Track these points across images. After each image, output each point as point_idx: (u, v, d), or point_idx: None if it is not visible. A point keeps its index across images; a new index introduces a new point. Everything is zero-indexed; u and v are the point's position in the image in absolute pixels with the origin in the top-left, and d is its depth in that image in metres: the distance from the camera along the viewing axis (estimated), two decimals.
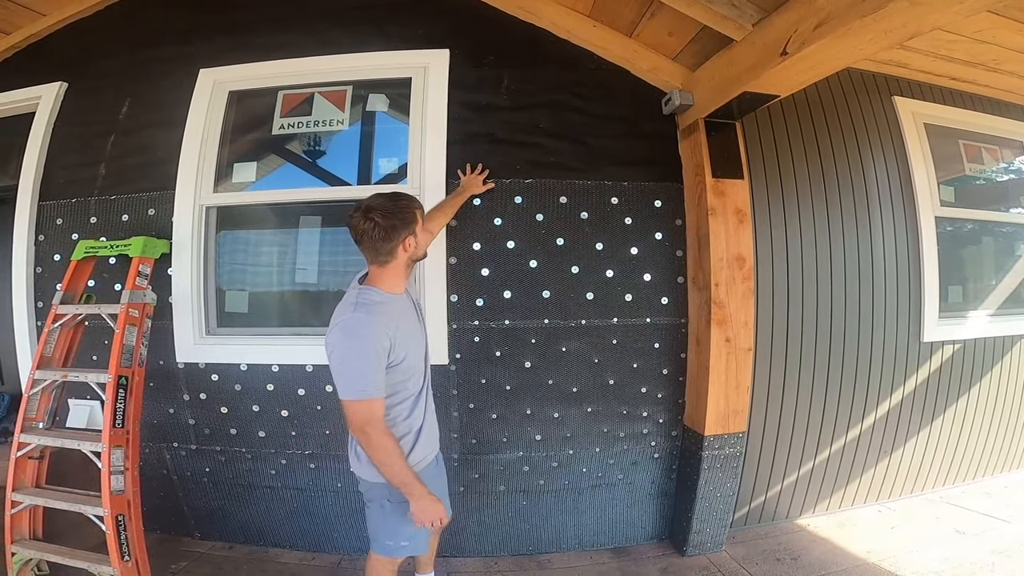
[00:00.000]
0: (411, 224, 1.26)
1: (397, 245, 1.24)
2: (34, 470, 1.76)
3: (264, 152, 2.14)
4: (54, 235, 2.07)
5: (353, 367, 1.19)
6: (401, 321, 1.28)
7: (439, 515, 1.27)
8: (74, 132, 2.11)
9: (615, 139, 1.99)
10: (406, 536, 1.37)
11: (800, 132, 2.18)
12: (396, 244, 1.24)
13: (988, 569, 1.80)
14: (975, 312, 2.47)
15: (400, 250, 1.26)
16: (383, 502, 1.34)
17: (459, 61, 1.98)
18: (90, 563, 1.63)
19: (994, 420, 2.50)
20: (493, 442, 1.95)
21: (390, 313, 1.25)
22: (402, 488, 1.25)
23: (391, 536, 1.38)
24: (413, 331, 1.35)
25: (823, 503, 2.28)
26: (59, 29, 2.24)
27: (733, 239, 1.86)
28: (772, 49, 1.46)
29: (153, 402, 1.97)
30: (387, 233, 1.22)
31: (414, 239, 1.27)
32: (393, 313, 1.27)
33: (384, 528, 1.37)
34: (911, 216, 2.28)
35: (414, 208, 1.28)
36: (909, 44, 1.96)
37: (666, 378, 2.00)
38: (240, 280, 2.10)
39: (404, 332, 1.27)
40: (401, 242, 1.24)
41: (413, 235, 1.26)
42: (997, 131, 2.59)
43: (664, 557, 2.00)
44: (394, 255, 1.26)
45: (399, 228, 1.23)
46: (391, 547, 1.39)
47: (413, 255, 1.30)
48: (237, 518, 2.07)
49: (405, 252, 1.27)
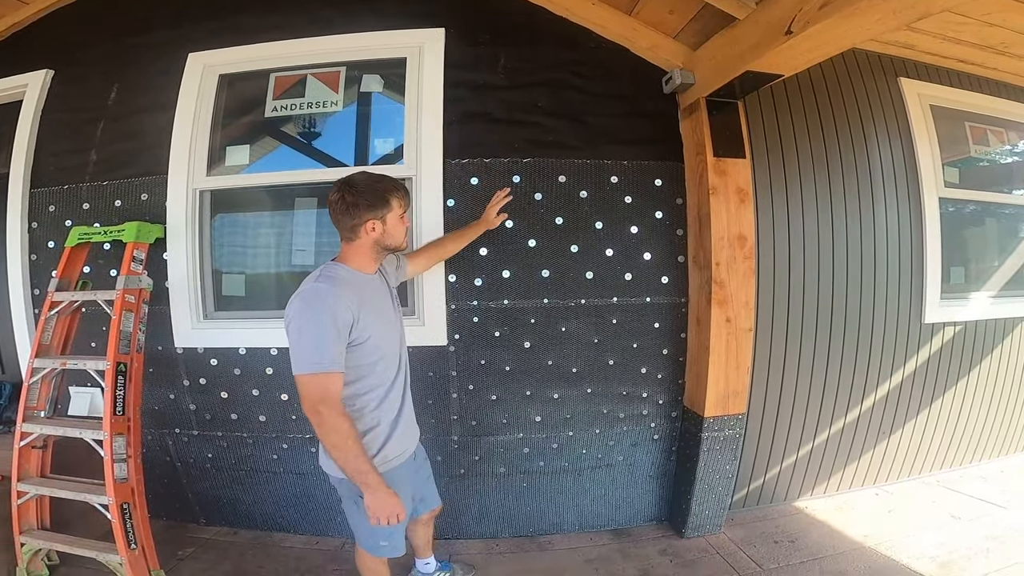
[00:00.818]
0: (379, 208, 1.22)
1: (359, 225, 1.22)
2: (38, 459, 1.77)
3: (257, 135, 2.11)
4: (47, 222, 2.05)
5: (309, 338, 1.12)
6: (368, 299, 1.24)
7: (395, 511, 1.18)
8: (62, 119, 2.08)
9: (615, 118, 1.96)
10: (384, 536, 1.31)
11: (804, 111, 2.15)
12: (358, 223, 1.22)
13: (982, 555, 1.81)
14: (977, 293, 2.45)
15: (363, 231, 1.23)
16: (355, 499, 1.26)
17: (455, 40, 1.94)
18: (98, 552, 1.64)
19: (992, 403, 2.51)
20: (493, 424, 1.95)
21: (355, 288, 1.21)
22: (355, 478, 1.17)
23: (368, 536, 1.32)
24: (383, 314, 1.30)
25: (821, 486, 2.30)
26: (43, 17, 2.20)
27: (734, 218, 1.85)
28: (776, 28, 1.43)
29: (153, 388, 1.97)
30: (348, 209, 1.21)
31: (381, 224, 1.23)
32: (359, 289, 1.23)
33: (360, 526, 1.31)
34: (915, 197, 2.26)
35: (390, 194, 1.24)
36: (917, 25, 1.92)
37: (666, 358, 2.00)
38: (237, 263, 2.08)
39: (371, 311, 1.22)
40: (363, 223, 1.22)
41: (380, 220, 1.23)
42: (1004, 113, 2.55)
43: (664, 539, 2.03)
44: (356, 233, 1.23)
45: (362, 208, 1.21)
46: (371, 546, 1.35)
47: (380, 240, 1.25)
48: (241, 503, 2.09)
49: (368, 234, 1.23)
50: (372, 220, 1.22)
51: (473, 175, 1.90)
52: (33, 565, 1.70)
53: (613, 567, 1.85)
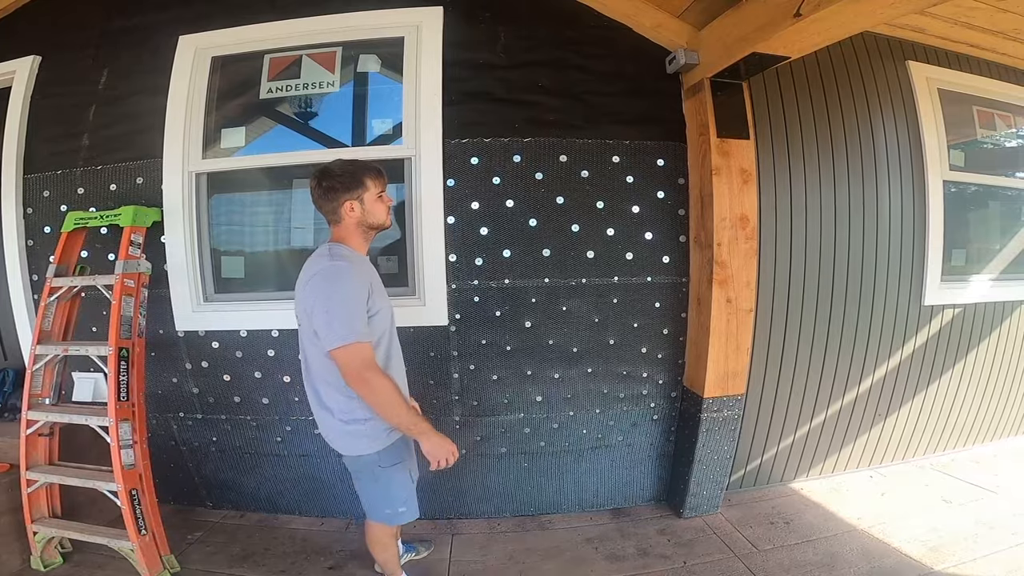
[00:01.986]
0: (354, 189, 1.28)
1: (339, 207, 1.28)
2: (45, 447, 1.77)
3: (252, 116, 2.07)
4: (42, 207, 2.03)
5: (340, 312, 1.18)
6: (373, 276, 1.32)
7: (452, 451, 1.28)
8: (53, 104, 2.04)
9: (616, 97, 1.93)
10: (402, 502, 1.38)
11: (809, 93, 2.12)
12: (337, 205, 1.28)
13: (972, 540, 1.84)
14: (977, 276, 2.46)
15: (343, 212, 1.29)
16: (374, 471, 1.33)
17: (453, 18, 1.90)
18: (109, 539, 1.66)
19: (988, 387, 2.53)
20: (494, 404, 1.97)
21: (363, 265, 1.31)
22: (410, 430, 1.25)
23: (388, 504, 1.38)
24: (383, 292, 1.36)
25: (817, 467, 2.33)
26: (29, 3, 2.14)
27: (737, 199, 1.83)
28: (785, 10, 1.39)
29: (156, 372, 1.98)
30: (326, 193, 1.28)
31: (359, 204, 1.29)
32: (366, 267, 1.32)
33: (381, 497, 1.38)
34: (919, 179, 2.24)
35: (363, 176, 1.29)
36: (929, 10, 1.88)
37: (666, 338, 2.01)
38: (235, 245, 2.07)
39: (377, 287, 1.31)
40: (342, 204, 1.28)
41: (358, 200, 1.29)
42: (1012, 98, 2.52)
43: (662, 518, 2.06)
44: (339, 215, 1.30)
45: (339, 191, 1.27)
46: (390, 515, 1.40)
47: (362, 220, 1.30)
48: (247, 486, 2.12)
49: (350, 215, 1.29)
50: (349, 200, 1.28)
51: (473, 155, 1.88)
52: (47, 553, 1.71)
53: (612, 546, 1.89)
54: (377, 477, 1.34)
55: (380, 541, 1.48)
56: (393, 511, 1.39)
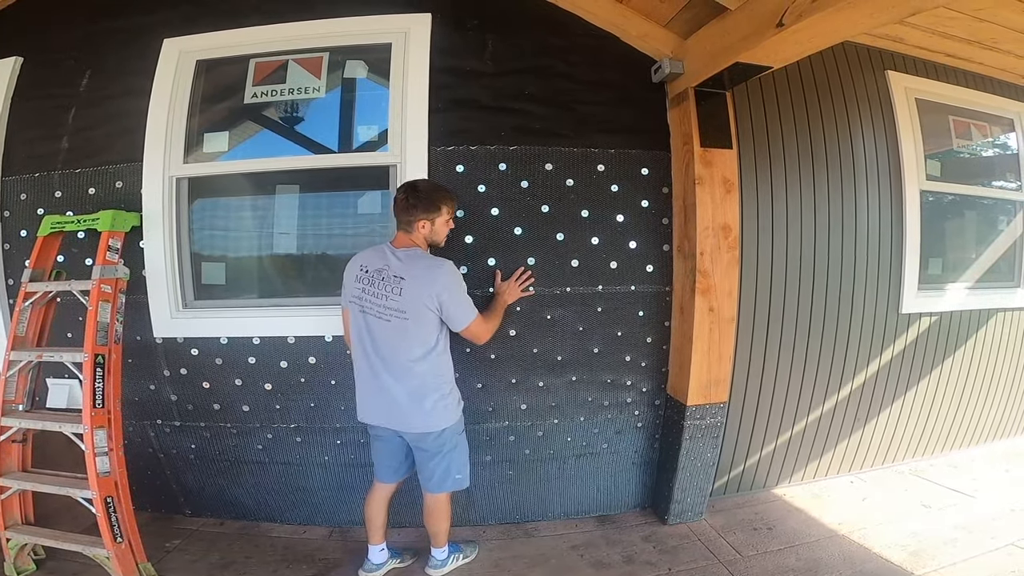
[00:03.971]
0: (431, 212, 1.54)
1: (415, 220, 1.53)
2: (19, 453, 1.74)
3: (236, 121, 2.05)
4: (19, 211, 1.98)
5: (464, 297, 1.53)
6: None
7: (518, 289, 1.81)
8: (33, 106, 2.01)
9: (602, 106, 1.95)
10: (467, 465, 1.65)
11: (791, 103, 2.16)
12: (413, 219, 1.53)
13: (951, 545, 1.86)
14: (953, 284, 2.51)
15: (417, 226, 1.54)
16: (455, 438, 1.59)
17: (441, 25, 1.90)
18: (84, 546, 1.62)
19: (964, 394, 2.58)
20: (479, 412, 1.96)
21: None
22: (504, 307, 1.76)
23: (462, 467, 1.63)
24: None
25: (799, 473, 2.36)
26: (11, 4, 2.10)
27: (720, 208, 1.86)
28: (767, 20, 1.42)
29: (133, 379, 1.94)
30: (408, 208, 1.53)
31: (430, 224, 1.55)
32: None
33: (459, 461, 1.62)
34: (897, 189, 2.29)
35: (442, 203, 1.56)
36: (908, 20, 1.92)
37: (650, 346, 2.03)
38: (217, 251, 2.04)
39: None
40: (417, 221, 1.53)
41: (430, 221, 1.54)
42: (987, 107, 2.59)
43: (647, 525, 2.07)
44: (413, 227, 1.54)
45: (418, 209, 1.52)
46: (460, 480, 1.63)
47: (429, 236, 1.57)
48: (227, 494, 2.08)
49: (420, 231, 1.55)
50: (424, 220, 1.53)
51: (459, 162, 1.88)
52: (20, 560, 1.68)
53: (598, 553, 1.89)
54: (457, 443, 1.61)
55: (444, 509, 1.67)
56: (464, 475, 1.64)
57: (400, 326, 1.47)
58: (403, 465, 1.66)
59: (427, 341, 1.49)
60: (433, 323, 1.49)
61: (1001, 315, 2.58)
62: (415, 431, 1.54)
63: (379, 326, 1.49)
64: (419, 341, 1.49)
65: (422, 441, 1.56)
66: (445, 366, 1.57)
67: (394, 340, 1.49)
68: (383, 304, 1.48)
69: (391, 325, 1.48)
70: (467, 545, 1.87)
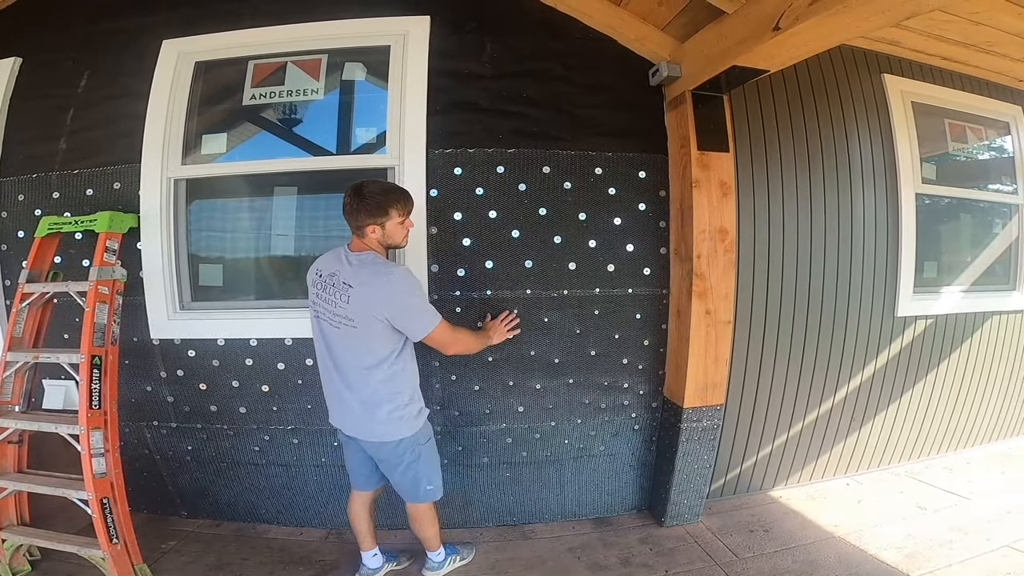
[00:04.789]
0: (378, 216, 1.41)
1: (364, 226, 1.42)
2: (15, 455, 1.74)
3: (234, 122, 2.05)
4: (16, 212, 1.98)
5: (419, 304, 1.43)
6: None
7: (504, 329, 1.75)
8: (31, 107, 2.00)
9: (600, 109, 1.95)
10: (437, 475, 1.60)
11: (787, 106, 2.17)
12: (361, 224, 1.42)
13: (947, 547, 1.87)
14: (949, 288, 2.53)
15: (366, 231, 1.43)
16: (415, 449, 1.51)
17: (440, 28, 1.91)
18: (79, 547, 1.63)
19: (960, 396, 2.59)
20: (476, 414, 1.97)
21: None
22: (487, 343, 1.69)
23: (431, 479, 1.57)
24: None
25: (795, 475, 2.37)
26: (10, 5, 2.10)
27: (716, 211, 1.86)
28: (764, 24, 1.43)
29: (130, 380, 1.93)
30: (353, 212, 1.42)
31: (380, 229, 1.43)
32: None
33: (423, 473, 1.54)
34: (892, 192, 2.30)
35: (389, 206, 1.42)
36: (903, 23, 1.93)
37: (647, 349, 2.03)
38: (215, 253, 2.04)
39: None
40: (365, 226, 1.42)
41: (379, 226, 1.42)
42: (983, 111, 2.60)
43: (644, 527, 2.07)
44: (363, 232, 1.43)
45: (363, 214, 1.41)
46: (431, 491, 1.58)
47: (382, 240, 1.46)
48: (223, 496, 2.08)
49: (371, 235, 1.43)
50: (372, 224, 1.42)
51: (456, 165, 1.88)
52: (15, 561, 1.68)
53: (595, 555, 1.89)
54: (420, 454, 1.53)
55: (427, 517, 1.64)
56: (435, 486, 1.59)
57: (349, 334, 1.40)
58: (375, 473, 1.60)
59: (378, 351, 1.41)
60: (383, 334, 1.40)
61: (997, 318, 2.60)
62: (370, 440, 1.50)
63: (332, 332, 1.44)
64: (369, 350, 1.41)
65: (379, 451, 1.51)
66: (402, 376, 1.47)
67: (345, 348, 1.43)
68: (333, 311, 1.42)
69: (341, 332, 1.41)
70: (464, 547, 1.87)
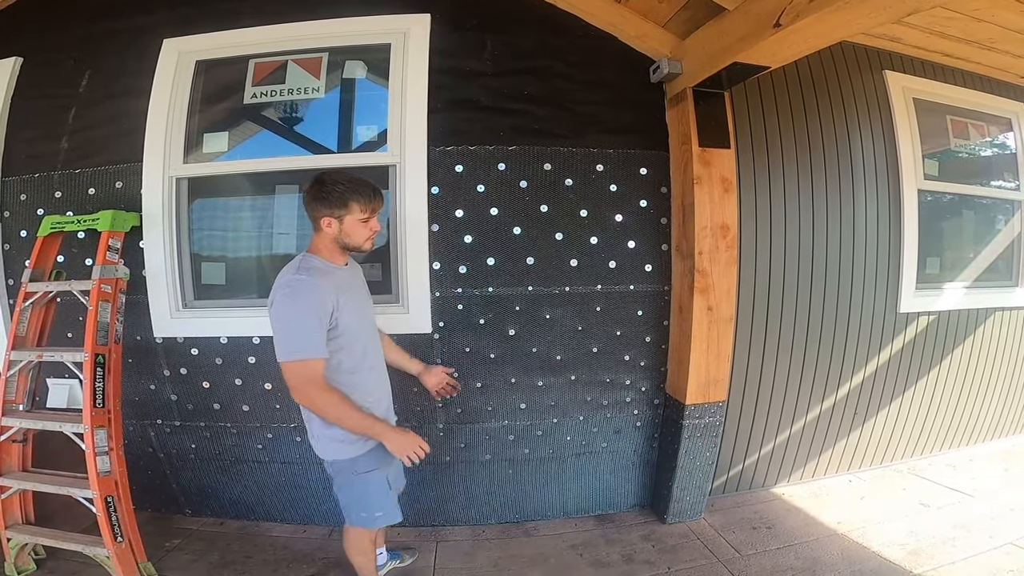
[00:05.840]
0: (336, 208, 1.27)
1: (318, 218, 1.29)
2: (19, 453, 1.74)
3: (236, 121, 2.06)
4: (19, 211, 1.99)
5: (294, 327, 1.21)
6: (344, 287, 1.31)
7: (416, 443, 1.30)
8: (33, 106, 2.01)
9: (601, 106, 1.96)
10: (379, 507, 1.40)
11: (789, 102, 2.16)
12: (316, 216, 1.29)
13: (950, 544, 1.87)
14: (951, 284, 2.52)
15: (321, 224, 1.29)
16: (349, 476, 1.36)
17: (440, 26, 1.91)
18: (84, 545, 1.63)
19: (963, 393, 2.58)
20: (478, 411, 1.97)
21: (331, 278, 1.29)
22: (369, 433, 1.29)
23: (365, 508, 1.40)
24: (359, 301, 1.39)
25: (798, 472, 2.36)
26: (10, 5, 2.10)
27: (718, 208, 1.86)
28: (765, 20, 1.43)
29: (133, 379, 1.94)
30: (310, 201, 1.29)
31: (337, 223, 1.28)
32: (334, 278, 1.30)
33: (356, 501, 1.40)
34: (894, 189, 2.30)
35: (350, 197, 1.27)
36: (905, 20, 1.93)
37: (649, 346, 2.03)
38: (217, 251, 2.05)
39: (348, 298, 1.30)
40: (320, 217, 1.28)
41: (337, 219, 1.28)
42: (985, 107, 2.59)
43: (646, 524, 2.07)
44: (317, 225, 1.30)
45: (320, 204, 1.27)
46: (366, 519, 1.41)
47: (337, 238, 1.30)
48: (227, 494, 2.08)
49: (326, 229, 1.29)
50: (328, 217, 1.28)
51: (458, 162, 1.88)
52: (21, 559, 1.69)
53: (597, 552, 1.89)
54: (352, 482, 1.37)
55: (356, 545, 1.49)
56: (369, 515, 1.41)
57: None
58: None
59: None
60: None
61: (999, 314, 2.59)
62: (314, 448, 1.39)
63: None
64: None
65: (323, 462, 1.40)
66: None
67: None
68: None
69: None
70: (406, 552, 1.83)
